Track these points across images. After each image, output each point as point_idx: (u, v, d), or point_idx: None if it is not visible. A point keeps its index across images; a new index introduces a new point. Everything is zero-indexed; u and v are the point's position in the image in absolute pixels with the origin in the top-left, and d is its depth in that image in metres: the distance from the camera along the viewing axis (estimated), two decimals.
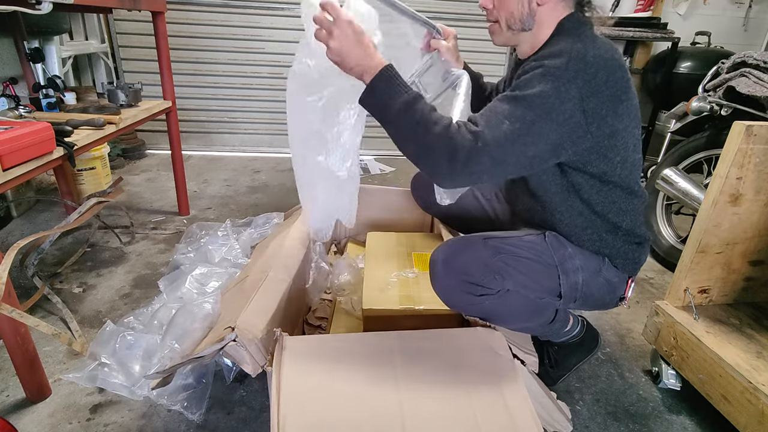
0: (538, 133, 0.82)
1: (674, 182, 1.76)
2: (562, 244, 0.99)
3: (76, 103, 1.70)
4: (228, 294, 1.18)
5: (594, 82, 0.81)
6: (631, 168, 0.94)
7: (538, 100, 0.81)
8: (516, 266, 0.94)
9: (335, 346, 0.92)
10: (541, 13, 0.92)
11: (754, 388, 0.95)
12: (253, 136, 3.31)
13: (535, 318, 1.03)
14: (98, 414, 1.07)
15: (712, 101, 1.73)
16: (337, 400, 0.80)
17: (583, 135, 0.84)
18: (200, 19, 2.94)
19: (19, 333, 1.01)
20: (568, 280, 0.97)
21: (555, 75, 0.81)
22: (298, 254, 1.21)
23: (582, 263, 0.98)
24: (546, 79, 0.82)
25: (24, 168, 1.05)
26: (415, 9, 1.06)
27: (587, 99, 0.81)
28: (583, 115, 0.82)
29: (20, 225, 1.96)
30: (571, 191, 0.96)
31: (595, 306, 1.08)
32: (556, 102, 0.81)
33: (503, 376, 0.87)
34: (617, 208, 0.97)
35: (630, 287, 1.05)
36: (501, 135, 0.81)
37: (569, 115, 0.81)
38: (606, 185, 0.94)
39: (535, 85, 0.82)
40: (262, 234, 1.68)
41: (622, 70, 0.85)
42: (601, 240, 0.99)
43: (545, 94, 0.81)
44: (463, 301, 0.95)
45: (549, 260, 0.97)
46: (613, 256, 1.01)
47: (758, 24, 3.41)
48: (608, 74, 0.82)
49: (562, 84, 0.81)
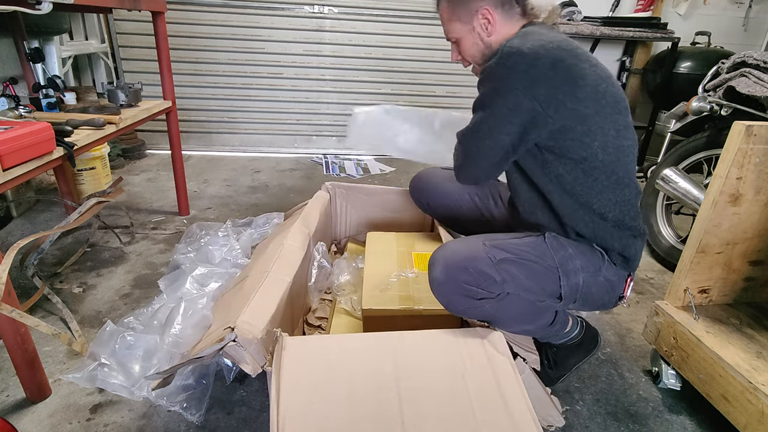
0: (490, 128, 0.95)
1: (674, 182, 1.76)
2: (561, 245, 0.99)
3: (76, 103, 1.70)
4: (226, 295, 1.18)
5: (536, 70, 0.88)
6: (616, 154, 0.95)
7: (481, 100, 0.96)
8: (516, 269, 0.94)
9: (335, 346, 0.92)
10: (495, 39, 1.03)
11: (754, 388, 0.95)
12: (253, 136, 3.31)
13: (535, 321, 1.04)
14: (98, 414, 1.07)
15: (712, 101, 1.73)
16: (337, 400, 0.80)
17: (542, 119, 0.91)
18: (200, 19, 2.94)
19: (19, 333, 1.01)
20: (569, 281, 0.97)
21: (490, 75, 0.93)
22: (298, 254, 1.21)
23: (582, 264, 0.98)
24: (485, 83, 0.95)
25: (24, 168, 1.05)
26: (413, 8, 1.13)
27: (533, 86, 0.89)
28: (535, 102, 0.89)
29: (20, 225, 1.96)
30: (555, 182, 0.99)
31: (594, 306, 1.08)
32: (497, 97, 0.93)
33: (503, 376, 0.87)
34: (605, 198, 0.97)
35: (629, 286, 1.05)
36: (461, 136, 1.02)
37: (516, 105, 0.90)
38: (589, 176, 0.96)
39: (479, 89, 0.97)
40: (262, 234, 1.67)
41: (572, 57, 0.90)
42: (596, 227, 1.00)
43: (485, 94, 0.95)
44: (462, 305, 0.95)
45: (549, 262, 0.97)
46: (609, 248, 1.01)
47: (758, 24, 3.41)
48: (553, 61, 0.88)
49: (498, 80, 0.92)
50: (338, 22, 3.07)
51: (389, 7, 3.05)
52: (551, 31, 0.98)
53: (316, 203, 1.54)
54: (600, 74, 0.93)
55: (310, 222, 1.40)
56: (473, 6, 1.01)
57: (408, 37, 3.15)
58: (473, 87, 1.02)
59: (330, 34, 3.09)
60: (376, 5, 3.04)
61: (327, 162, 3.16)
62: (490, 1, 1.01)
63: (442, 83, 3.31)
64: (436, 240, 1.51)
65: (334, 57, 3.16)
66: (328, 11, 3.03)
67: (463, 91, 3.31)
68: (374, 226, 1.71)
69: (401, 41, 3.16)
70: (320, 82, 3.22)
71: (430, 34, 3.13)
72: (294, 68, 3.15)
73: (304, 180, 2.76)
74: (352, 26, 3.08)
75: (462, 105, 3.32)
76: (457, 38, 1.06)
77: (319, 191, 1.65)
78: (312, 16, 3.03)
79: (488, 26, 1.02)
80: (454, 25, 1.05)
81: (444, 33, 1.10)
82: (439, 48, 3.17)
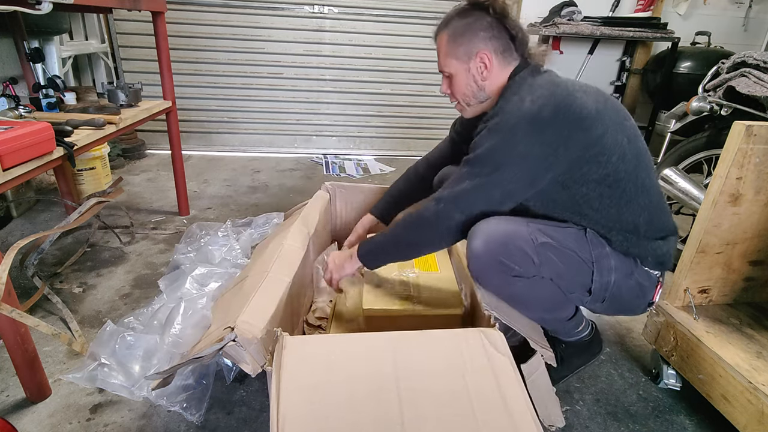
0: (498, 181, 0.92)
1: (674, 182, 1.76)
2: (601, 242, 1.00)
3: (76, 103, 1.70)
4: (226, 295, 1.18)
5: (539, 119, 0.88)
6: (635, 160, 0.95)
7: (489, 154, 0.92)
8: (555, 254, 0.95)
9: (335, 346, 0.92)
10: (490, 84, 1.02)
11: (754, 388, 0.95)
12: (253, 136, 3.31)
13: (557, 310, 1.05)
14: (98, 414, 1.07)
15: (712, 101, 1.73)
16: (337, 400, 0.80)
17: (553, 160, 0.91)
18: (200, 19, 2.94)
19: (19, 333, 1.01)
20: (602, 278, 0.98)
21: (497, 129, 0.92)
22: (298, 254, 1.21)
23: (616, 264, 0.99)
24: (491, 135, 0.92)
25: (24, 168, 1.05)
26: (413, 8, 1.12)
27: (539, 133, 0.89)
28: (544, 146, 0.89)
29: (20, 225, 1.96)
30: (581, 204, 0.97)
31: (622, 310, 1.08)
32: (505, 150, 0.91)
33: (503, 376, 0.87)
34: (635, 205, 0.97)
35: (658, 293, 1.06)
36: (461, 190, 0.95)
37: (525, 154, 0.90)
38: (616, 188, 0.95)
39: (483, 143, 0.93)
40: (262, 234, 1.67)
41: (570, 97, 0.90)
42: (628, 240, 1.00)
43: (493, 147, 0.92)
44: (495, 280, 0.97)
45: (586, 255, 0.97)
46: (641, 255, 1.01)
47: (758, 24, 3.41)
48: (554, 106, 0.88)
49: (504, 134, 0.91)
50: (338, 22, 3.07)
51: (389, 7, 3.05)
52: (539, 75, 0.98)
53: (316, 203, 1.54)
54: (596, 97, 0.93)
55: (310, 222, 1.40)
56: (473, 48, 0.99)
57: (408, 37, 3.15)
58: None
59: (330, 34, 3.10)
60: (376, 5, 3.04)
61: (327, 162, 3.16)
62: (491, 45, 0.99)
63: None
64: None
65: (334, 57, 3.16)
66: (328, 11, 3.03)
67: None
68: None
69: (401, 41, 3.16)
70: (320, 82, 3.22)
71: (430, 34, 3.11)
72: (294, 68, 3.16)
73: (304, 180, 2.76)
74: (352, 26, 3.09)
75: None
76: (450, 74, 1.05)
77: (319, 191, 1.65)
78: (312, 16, 3.03)
79: (484, 71, 1.00)
80: (450, 61, 1.03)
81: (438, 64, 1.07)
82: None
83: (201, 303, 1.17)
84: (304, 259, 1.23)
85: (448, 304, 1.17)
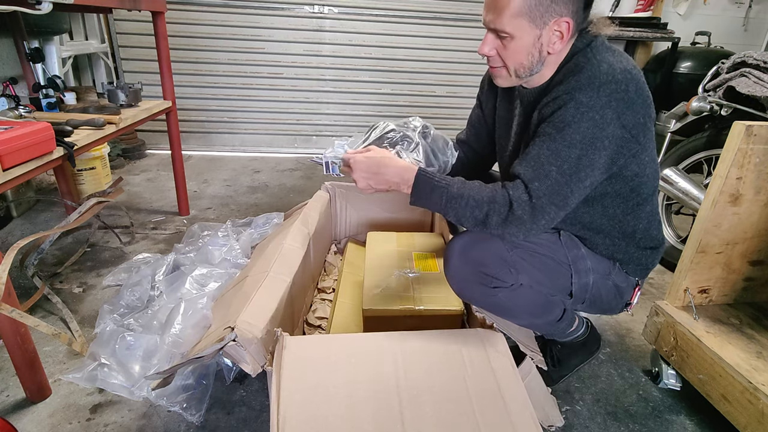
0: (589, 165, 0.83)
1: (674, 182, 1.76)
2: (575, 244, 1.00)
3: (76, 103, 1.69)
4: (226, 295, 1.18)
5: (626, 98, 0.82)
6: (654, 163, 0.95)
7: (579, 135, 0.82)
8: (531, 261, 0.95)
9: (335, 346, 0.92)
10: (556, 58, 0.90)
11: (754, 388, 0.95)
12: (253, 136, 3.30)
13: (545, 315, 1.04)
14: (98, 414, 1.07)
15: (712, 101, 1.73)
16: (337, 400, 0.80)
17: (632, 146, 0.86)
18: (200, 19, 2.94)
19: (19, 333, 1.01)
20: (580, 279, 0.98)
21: (588, 105, 0.81)
22: (298, 254, 1.21)
23: (593, 265, 0.99)
24: (580, 112, 0.81)
25: (24, 168, 1.05)
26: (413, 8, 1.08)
27: (623, 115, 0.82)
28: (625, 130, 0.83)
29: (20, 225, 1.96)
30: (593, 202, 0.96)
31: (601, 309, 1.09)
32: (596, 131, 0.81)
33: (503, 376, 0.87)
34: (641, 211, 0.97)
35: (636, 294, 1.06)
36: (553, 182, 0.83)
37: (612, 137, 0.83)
38: (635, 191, 0.94)
39: (570, 120, 0.82)
40: (262, 234, 1.67)
41: (641, 75, 0.86)
42: (615, 246, 1.00)
43: (584, 127, 0.81)
44: (476, 292, 0.96)
45: (563, 258, 0.98)
46: (624, 261, 1.02)
47: (758, 24, 3.41)
48: (636, 85, 0.83)
49: (597, 112, 0.81)
50: (338, 22, 3.07)
51: (389, 7, 3.05)
52: (612, 47, 0.90)
53: (316, 203, 1.54)
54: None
55: (310, 222, 1.40)
56: (554, 11, 0.82)
57: (408, 37, 3.14)
58: (474, 87, 0.99)
59: (330, 34, 3.09)
60: (376, 5, 3.04)
61: (327, 162, 3.16)
62: (575, 15, 0.84)
63: (442, 83, 3.30)
64: (437, 240, 1.51)
65: (334, 57, 3.16)
66: (328, 11, 3.03)
67: (464, 91, 3.31)
68: (374, 226, 1.71)
69: (401, 41, 3.16)
70: (320, 82, 3.22)
71: (430, 34, 3.13)
72: (294, 68, 3.15)
73: (304, 180, 2.76)
74: (352, 26, 3.08)
75: (462, 105, 3.31)
76: (510, 35, 0.85)
77: (319, 191, 1.65)
78: (312, 16, 3.03)
79: (557, 42, 0.85)
80: (519, 21, 0.83)
81: (491, 20, 0.85)
82: (440, 48, 3.16)
83: (201, 303, 1.17)
84: (304, 259, 1.23)
85: (448, 303, 1.17)
